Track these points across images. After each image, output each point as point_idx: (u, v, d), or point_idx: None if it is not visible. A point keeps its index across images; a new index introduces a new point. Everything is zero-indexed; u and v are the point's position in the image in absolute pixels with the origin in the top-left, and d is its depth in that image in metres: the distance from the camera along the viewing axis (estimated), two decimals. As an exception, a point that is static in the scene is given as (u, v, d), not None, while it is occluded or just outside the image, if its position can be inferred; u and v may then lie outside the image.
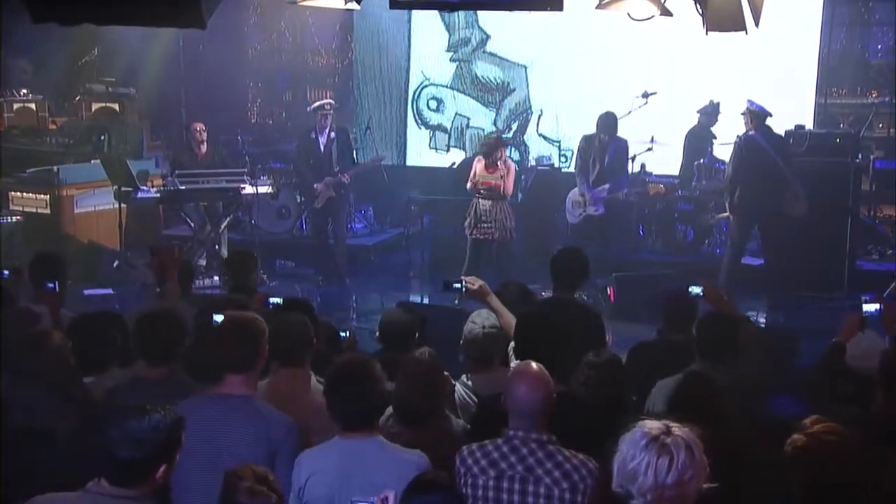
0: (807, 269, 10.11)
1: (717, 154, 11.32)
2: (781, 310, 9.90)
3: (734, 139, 10.09)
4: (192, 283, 7.65)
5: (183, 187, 10.52)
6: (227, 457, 3.78)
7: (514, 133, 13.47)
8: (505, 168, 9.99)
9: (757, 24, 5.64)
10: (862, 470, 3.34)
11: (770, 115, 9.87)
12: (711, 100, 11.56)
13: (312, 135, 11.03)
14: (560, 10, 5.61)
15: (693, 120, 11.68)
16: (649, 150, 11.38)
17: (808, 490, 3.40)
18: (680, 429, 3.03)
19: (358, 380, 3.97)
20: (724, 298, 6.00)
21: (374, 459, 3.88)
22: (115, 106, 13.18)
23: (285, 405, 4.29)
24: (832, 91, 12.78)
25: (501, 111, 13.65)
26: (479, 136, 13.35)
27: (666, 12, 6.05)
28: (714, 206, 10.96)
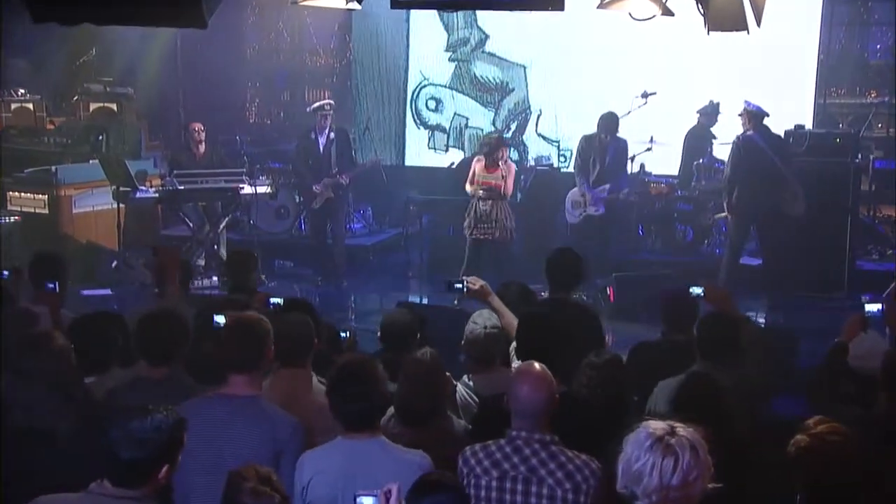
0: (806, 269, 10.11)
1: (716, 154, 11.31)
2: (781, 310, 9.89)
3: (733, 139, 10.10)
4: (191, 283, 7.65)
5: (181, 187, 10.49)
6: (232, 457, 3.76)
7: (514, 133, 13.44)
8: (506, 168, 9.98)
9: (759, 24, 5.64)
10: (865, 470, 3.33)
11: (767, 115, 9.87)
12: (711, 100, 11.55)
13: (312, 135, 11.01)
14: (561, 9, 5.59)
15: (692, 120, 11.68)
16: (648, 150, 11.36)
17: (812, 490, 3.40)
18: (684, 429, 3.02)
19: (360, 380, 3.96)
20: (726, 298, 5.98)
21: (377, 460, 3.87)
22: (114, 106, 13.13)
23: (287, 405, 4.28)
24: (831, 91, 12.80)
25: (500, 111, 13.62)
26: (478, 135, 13.32)
27: (667, 12, 6.05)
28: (713, 206, 10.96)
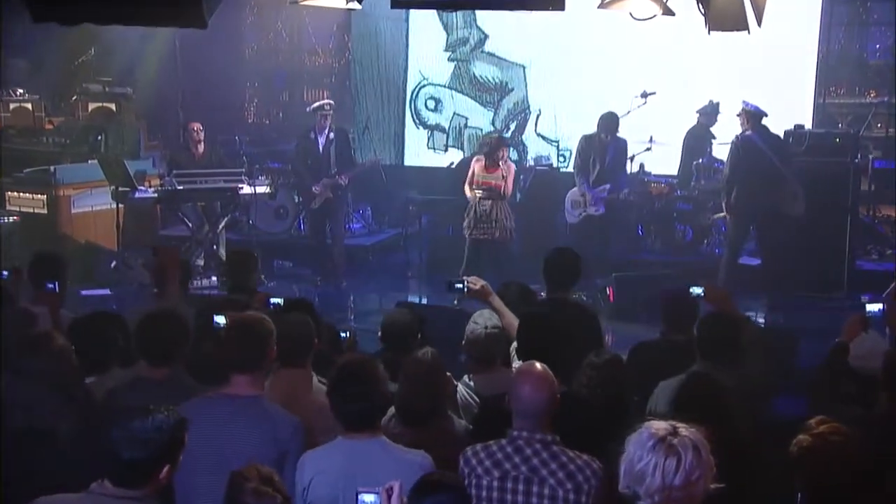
0: (806, 269, 10.10)
1: (716, 154, 11.30)
2: (781, 310, 9.88)
3: (732, 139, 10.09)
4: (190, 283, 7.63)
5: (181, 187, 10.48)
6: (235, 457, 3.75)
7: (513, 133, 13.42)
8: (506, 168, 9.97)
9: (759, 24, 5.63)
10: (867, 470, 3.33)
11: (766, 115, 9.86)
12: (711, 100, 11.53)
13: (311, 135, 10.98)
14: (562, 9, 5.58)
15: (692, 120, 11.66)
16: (648, 149, 11.36)
17: (814, 490, 3.39)
18: (687, 429, 3.02)
19: (361, 380, 3.95)
20: (726, 299, 5.98)
21: (378, 460, 3.86)
22: (112, 106, 13.12)
23: (287, 405, 4.27)
24: (831, 91, 12.80)
25: (500, 111, 13.61)
26: (477, 135, 13.32)
27: (668, 12, 6.04)
28: (713, 206, 10.94)
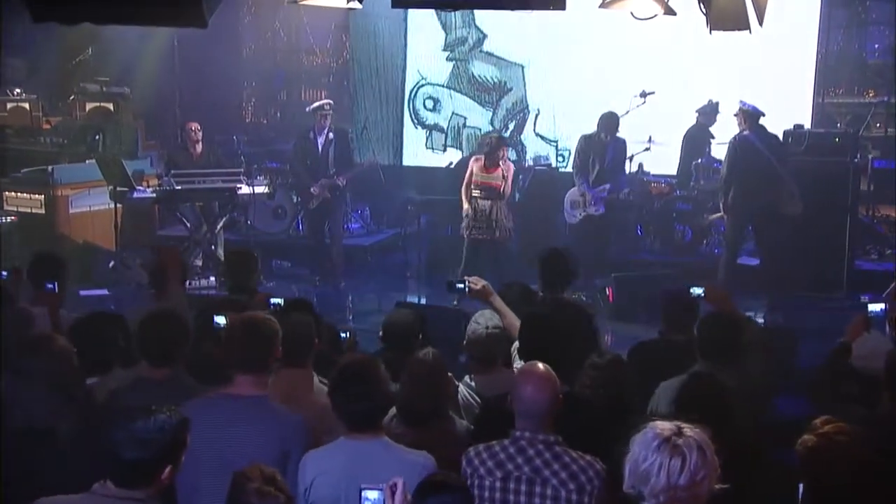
0: (805, 269, 10.10)
1: (715, 154, 11.26)
2: (780, 310, 9.85)
3: (729, 139, 10.08)
4: (188, 283, 7.61)
5: (179, 187, 10.45)
6: (239, 457, 3.74)
7: (512, 133, 13.40)
8: (506, 168, 9.96)
9: (761, 23, 5.63)
10: (872, 470, 3.32)
11: (763, 115, 9.84)
12: (710, 99, 11.52)
13: (311, 135, 10.95)
14: (563, 8, 5.57)
15: (691, 119, 11.66)
16: (647, 149, 11.36)
17: (819, 490, 3.38)
18: (692, 430, 3.02)
19: (363, 380, 3.94)
20: (726, 299, 5.97)
21: (380, 460, 3.85)
22: (110, 105, 13.08)
23: (287, 406, 4.26)
24: (830, 91, 12.81)
25: (498, 111, 13.59)
26: (476, 135, 13.32)
27: (669, 11, 6.04)
28: (712, 206, 10.94)
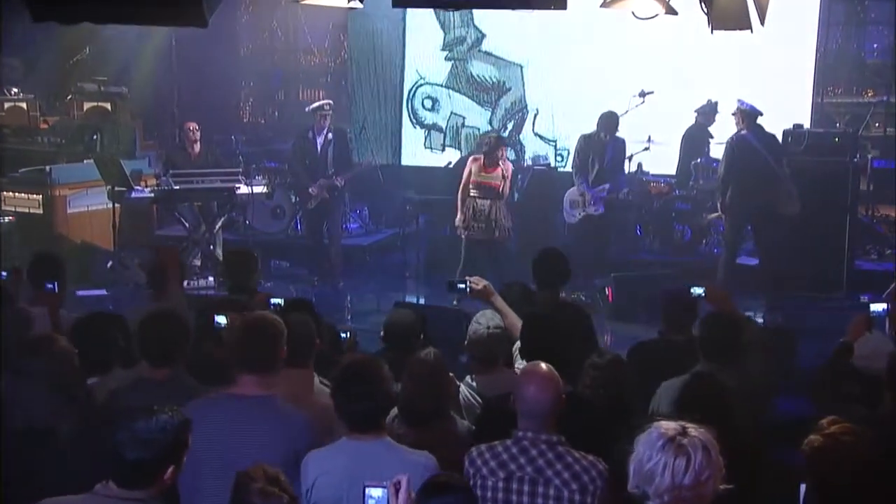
0: (805, 269, 10.08)
1: (714, 154, 11.24)
2: (780, 310, 9.83)
3: (727, 139, 10.07)
4: (186, 283, 7.59)
5: (177, 187, 10.42)
6: (248, 456, 3.72)
7: (510, 132, 13.39)
8: (505, 168, 9.93)
9: (762, 23, 5.62)
10: (879, 471, 3.31)
11: (761, 114, 9.83)
12: (709, 99, 11.51)
13: (310, 134, 10.92)
14: (564, 8, 5.55)
15: (690, 119, 11.65)
16: (646, 149, 11.35)
17: (825, 490, 3.37)
18: (696, 430, 3.02)
19: (366, 380, 3.92)
20: (727, 299, 5.97)
21: (382, 461, 3.82)
22: (107, 105, 13.06)
23: (288, 406, 4.25)
24: (829, 90, 12.81)
25: (497, 110, 13.59)
26: (474, 135, 13.31)
27: (671, 11, 6.02)
28: (711, 205, 10.93)
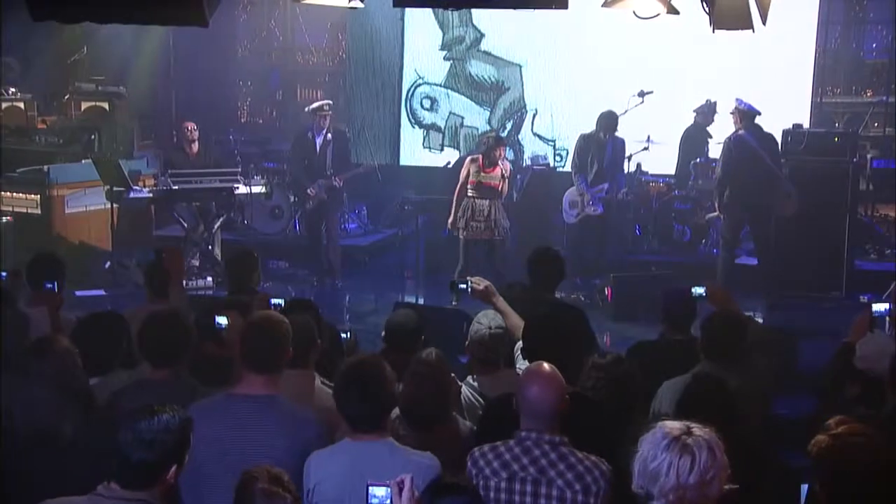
0: (804, 269, 10.06)
1: (713, 154, 11.25)
2: (779, 310, 9.84)
3: (724, 139, 10.07)
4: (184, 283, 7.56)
5: (176, 187, 10.41)
6: (257, 456, 3.73)
7: (509, 132, 13.37)
8: (505, 168, 9.92)
9: (764, 23, 5.60)
10: (888, 471, 3.29)
11: (759, 114, 9.84)
12: (708, 99, 11.52)
13: (309, 135, 10.88)
14: (565, 7, 5.54)
15: (689, 119, 11.66)
16: (645, 149, 11.35)
17: (833, 491, 3.35)
18: (701, 429, 3.02)
19: (368, 381, 3.90)
20: (728, 299, 5.96)
21: (385, 461, 3.80)
22: (105, 105, 13.05)
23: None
24: (828, 90, 12.82)
25: (496, 110, 13.60)
26: (473, 135, 13.31)
27: (672, 10, 6.01)
28: (710, 205, 10.93)
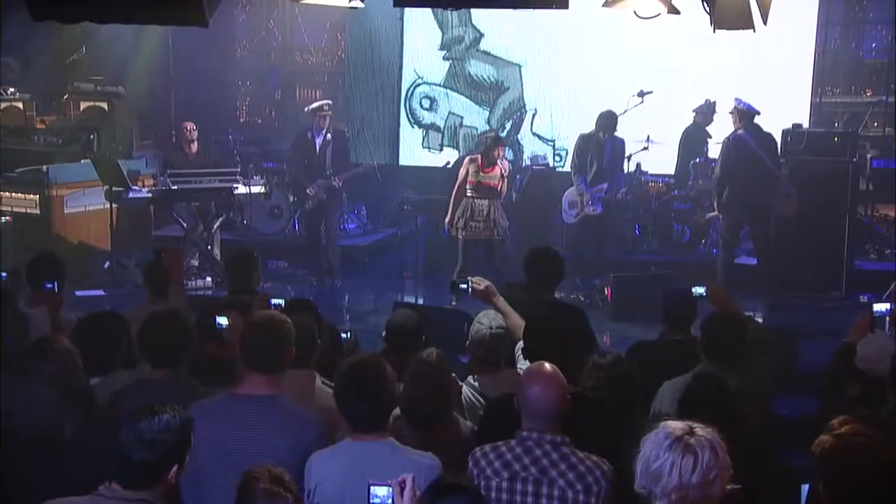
0: (804, 269, 10.05)
1: (713, 154, 11.23)
2: (780, 310, 9.83)
3: (723, 139, 10.06)
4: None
5: (175, 187, 10.40)
6: (259, 456, 3.73)
7: (509, 132, 13.35)
8: (504, 167, 9.92)
9: (765, 22, 5.60)
10: (891, 471, 3.29)
11: (758, 114, 9.83)
12: (707, 99, 11.51)
13: (308, 135, 10.87)
14: (566, 7, 5.54)
15: (689, 119, 11.65)
16: (645, 149, 11.34)
17: (836, 491, 3.35)
18: (703, 429, 3.01)
19: (369, 381, 3.90)
20: (729, 298, 5.96)
21: (386, 462, 3.80)
22: (104, 105, 13.01)
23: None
24: (827, 90, 12.82)
25: (495, 110, 13.59)
26: (472, 135, 13.31)
27: (673, 10, 6.00)
28: (710, 205, 10.93)
